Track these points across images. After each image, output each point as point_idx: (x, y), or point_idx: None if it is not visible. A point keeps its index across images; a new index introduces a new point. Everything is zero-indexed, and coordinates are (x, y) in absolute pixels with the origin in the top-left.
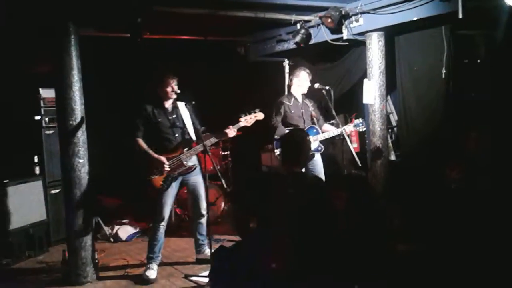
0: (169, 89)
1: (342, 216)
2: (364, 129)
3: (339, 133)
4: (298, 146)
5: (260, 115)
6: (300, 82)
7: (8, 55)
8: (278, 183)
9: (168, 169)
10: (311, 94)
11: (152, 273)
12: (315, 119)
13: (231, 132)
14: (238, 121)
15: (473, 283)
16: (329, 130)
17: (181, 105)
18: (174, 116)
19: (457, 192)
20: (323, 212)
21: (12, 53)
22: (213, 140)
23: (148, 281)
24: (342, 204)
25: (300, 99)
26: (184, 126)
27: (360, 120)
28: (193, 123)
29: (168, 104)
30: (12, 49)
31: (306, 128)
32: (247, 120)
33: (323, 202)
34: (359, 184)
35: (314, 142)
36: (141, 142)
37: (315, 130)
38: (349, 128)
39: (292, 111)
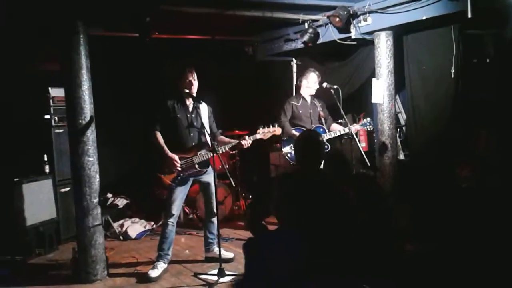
0: (187, 82)
1: (351, 215)
2: (371, 129)
3: (345, 132)
4: (314, 147)
5: (278, 131)
6: (308, 84)
7: (17, 54)
8: (292, 183)
9: (179, 169)
10: (319, 93)
11: (154, 272)
12: (323, 119)
13: (247, 143)
14: (255, 133)
15: (482, 283)
16: (336, 129)
17: (202, 107)
18: (193, 115)
19: (467, 191)
20: (333, 211)
21: (21, 52)
22: (226, 148)
23: (149, 279)
24: (350, 203)
25: (308, 99)
26: (201, 128)
27: (368, 119)
28: (210, 126)
29: (189, 102)
30: (21, 48)
31: (313, 128)
32: (264, 133)
33: (333, 201)
34: (367, 183)
35: None
36: (158, 135)
37: (321, 130)
38: (355, 128)
39: (300, 112)
